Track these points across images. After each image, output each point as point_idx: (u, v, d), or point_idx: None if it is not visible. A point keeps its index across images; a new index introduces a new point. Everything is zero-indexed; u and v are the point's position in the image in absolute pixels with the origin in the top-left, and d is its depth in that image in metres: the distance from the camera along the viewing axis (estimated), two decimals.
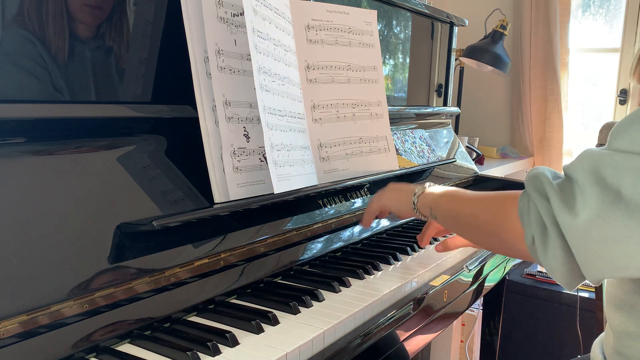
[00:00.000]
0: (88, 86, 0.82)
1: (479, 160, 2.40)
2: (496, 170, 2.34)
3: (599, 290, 1.79)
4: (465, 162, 1.82)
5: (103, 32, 0.83)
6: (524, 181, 0.73)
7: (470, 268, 1.14)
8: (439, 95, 1.86)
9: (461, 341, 2.09)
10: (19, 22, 0.73)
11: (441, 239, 1.21)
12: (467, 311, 1.63)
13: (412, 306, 0.91)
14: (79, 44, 0.80)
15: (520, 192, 0.74)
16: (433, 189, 0.95)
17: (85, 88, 0.82)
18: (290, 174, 0.96)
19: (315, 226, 1.06)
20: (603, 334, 0.88)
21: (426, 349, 2.02)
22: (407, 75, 1.69)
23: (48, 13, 0.76)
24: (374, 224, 1.24)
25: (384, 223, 1.27)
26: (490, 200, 0.80)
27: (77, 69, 0.80)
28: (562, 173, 0.70)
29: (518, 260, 1.47)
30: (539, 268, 2.28)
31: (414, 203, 0.95)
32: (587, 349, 2.01)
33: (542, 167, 0.72)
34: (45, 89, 0.77)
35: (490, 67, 2.40)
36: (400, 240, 1.22)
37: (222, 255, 0.86)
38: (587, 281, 0.68)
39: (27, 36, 0.74)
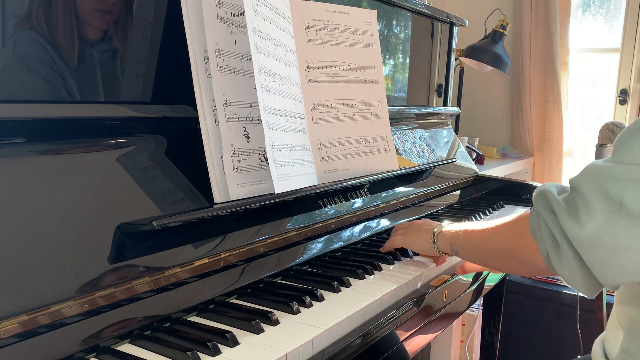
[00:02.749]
0: (88, 86, 0.82)
1: (479, 160, 2.40)
2: (496, 170, 2.34)
3: None
4: (465, 162, 1.82)
5: (103, 33, 0.83)
6: (532, 199, 0.75)
7: None
8: (439, 95, 1.86)
9: (461, 341, 2.09)
10: (19, 24, 0.73)
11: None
12: (467, 311, 1.63)
13: (412, 306, 0.91)
14: (79, 45, 0.80)
15: (529, 212, 0.78)
16: (450, 227, 1.01)
17: (85, 88, 0.82)
18: (291, 174, 0.96)
19: (315, 226, 1.06)
20: (604, 333, 0.89)
21: (426, 349, 2.02)
22: (407, 75, 1.69)
23: (48, 15, 0.76)
24: (373, 224, 1.24)
25: (384, 223, 1.27)
26: (503, 225, 0.86)
27: (77, 70, 0.80)
28: (568, 185, 0.72)
29: None
30: None
31: (433, 242, 1.02)
32: (587, 349, 2.00)
33: (549, 184, 0.75)
34: (45, 90, 0.77)
35: (490, 67, 2.40)
36: None
37: (222, 255, 0.86)
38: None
39: (27, 37, 0.74)
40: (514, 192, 1.74)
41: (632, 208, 0.62)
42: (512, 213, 1.56)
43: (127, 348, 0.71)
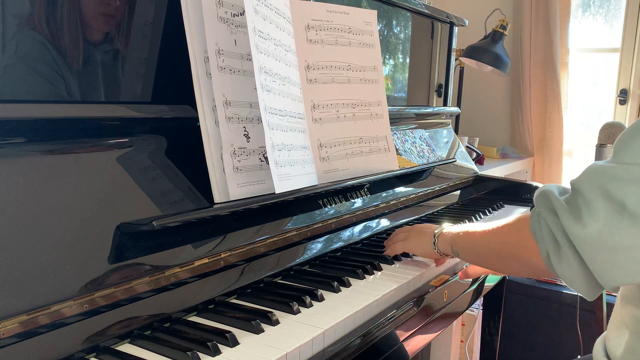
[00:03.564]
0: (88, 86, 0.82)
1: (479, 160, 2.39)
2: (496, 170, 2.34)
3: None
4: (465, 162, 1.82)
5: (103, 33, 0.83)
6: (533, 200, 0.76)
7: None
8: (439, 95, 1.86)
9: (461, 341, 2.09)
10: (19, 24, 0.73)
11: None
12: (467, 311, 1.63)
13: (412, 306, 0.91)
14: (79, 44, 0.80)
15: (530, 213, 0.78)
16: (450, 228, 1.01)
17: (85, 88, 0.82)
18: (291, 174, 0.96)
19: (315, 226, 1.06)
20: (605, 333, 0.89)
21: (426, 349, 2.02)
22: (407, 75, 1.69)
23: (47, 15, 0.76)
24: (373, 224, 1.24)
25: (384, 223, 1.27)
26: (504, 226, 0.86)
27: (77, 70, 0.80)
28: (570, 187, 0.72)
29: None
30: None
31: (434, 244, 1.02)
32: (587, 349, 2.00)
33: (549, 185, 0.76)
34: (44, 90, 0.77)
35: (490, 67, 2.40)
36: None
37: (222, 255, 0.86)
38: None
39: (27, 38, 0.74)
40: (514, 192, 1.74)
41: (634, 209, 0.62)
42: (512, 213, 1.56)
43: (127, 348, 0.71)
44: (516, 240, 0.80)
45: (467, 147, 2.30)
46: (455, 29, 1.87)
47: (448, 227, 1.02)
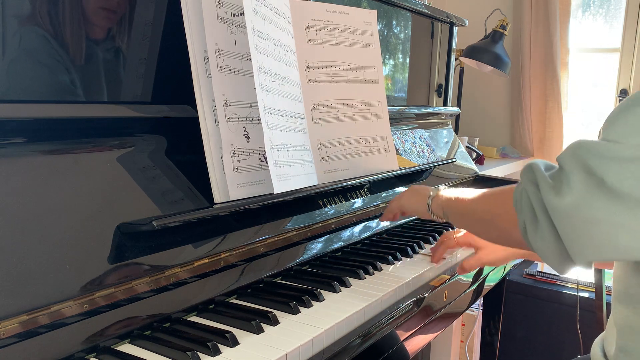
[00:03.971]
0: (88, 86, 0.82)
1: (479, 160, 2.40)
2: (496, 170, 2.34)
3: (599, 290, 1.79)
4: (465, 162, 1.82)
5: (103, 33, 0.83)
6: (520, 173, 0.76)
7: None
8: (439, 95, 1.86)
9: (461, 341, 2.09)
10: (18, 23, 0.73)
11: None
12: (467, 311, 1.63)
13: (412, 306, 0.91)
14: (79, 45, 0.80)
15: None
16: (446, 192, 1.01)
17: (85, 88, 0.82)
18: (291, 174, 0.96)
19: (315, 226, 1.06)
20: (603, 333, 0.89)
21: (426, 349, 2.02)
22: (407, 75, 1.69)
23: (47, 15, 0.76)
24: (373, 224, 1.24)
25: (384, 223, 1.27)
26: (491, 194, 0.87)
27: (77, 70, 0.80)
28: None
29: (518, 260, 1.47)
30: (539, 268, 2.28)
31: (428, 205, 1.01)
32: (587, 349, 2.00)
33: (538, 160, 0.75)
34: (45, 90, 0.77)
35: (490, 67, 2.40)
36: (400, 240, 1.23)
37: (222, 255, 0.86)
38: (587, 281, 0.69)
39: (26, 38, 0.74)
40: None
41: (613, 185, 0.63)
42: None
43: (127, 348, 0.71)
44: (499, 209, 0.81)
45: (467, 147, 2.30)
46: (455, 29, 1.87)
47: (443, 191, 1.02)
